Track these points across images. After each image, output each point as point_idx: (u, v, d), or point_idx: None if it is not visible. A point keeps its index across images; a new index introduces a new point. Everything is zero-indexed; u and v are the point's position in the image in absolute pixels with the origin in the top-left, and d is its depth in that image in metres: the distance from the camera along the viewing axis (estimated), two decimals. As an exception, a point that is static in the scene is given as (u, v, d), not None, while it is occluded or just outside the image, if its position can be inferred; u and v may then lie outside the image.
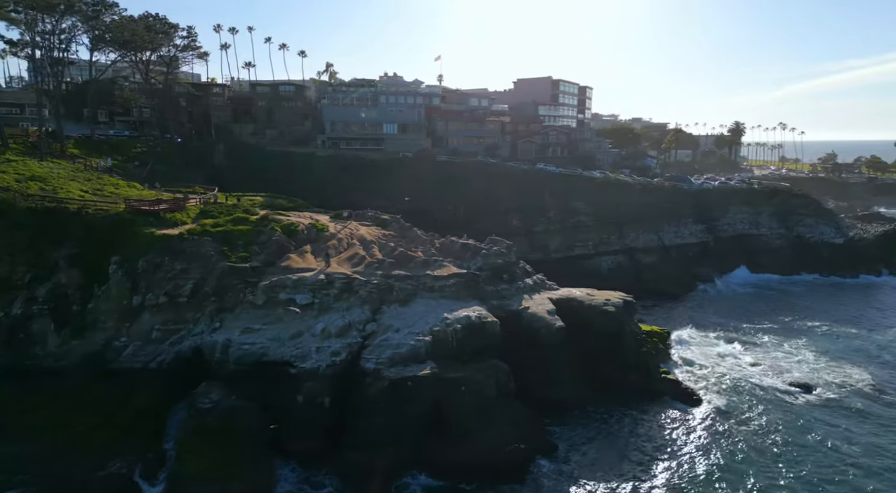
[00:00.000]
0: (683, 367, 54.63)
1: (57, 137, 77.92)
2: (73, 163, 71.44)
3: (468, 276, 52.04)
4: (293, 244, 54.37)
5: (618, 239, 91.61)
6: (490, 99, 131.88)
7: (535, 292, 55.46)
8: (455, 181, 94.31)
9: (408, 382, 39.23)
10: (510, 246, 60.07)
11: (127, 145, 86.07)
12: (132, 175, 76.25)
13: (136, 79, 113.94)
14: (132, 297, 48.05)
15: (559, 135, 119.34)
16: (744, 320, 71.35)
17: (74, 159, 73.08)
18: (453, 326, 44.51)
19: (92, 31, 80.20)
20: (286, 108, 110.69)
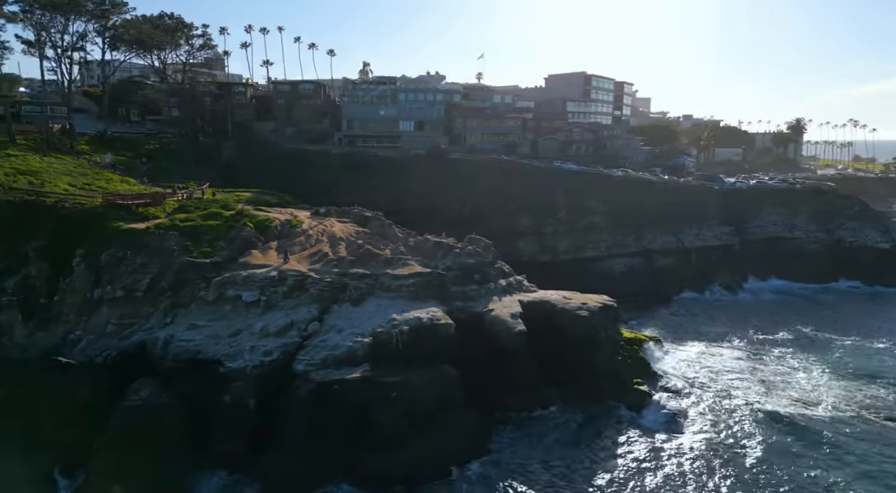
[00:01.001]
0: (665, 379, 50.33)
1: (69, 134, 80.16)
2: (78, 158, 73.31)
3: (432, 275, 49.72)
4: (261, 240, 53.48)
5: (633, 240, 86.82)
6: (515, 95, 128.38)
7: (508, 293, 52.59)
8: (466, 179, 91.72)
9: (334, 385, 37.38)
10: (488, 246, 57.33)
11: (139, 142, 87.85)
12: (137, 171, 77.62)
13: (166, 78, 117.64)
14: (94, 290, 48.27)
15: (584, 132, 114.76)
16: (756, 329, 65.92)
17: (80, 155, 74.91)
18: (400, 327, 42.35)
19: (103, 31, 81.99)
20: (305, 105, 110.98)
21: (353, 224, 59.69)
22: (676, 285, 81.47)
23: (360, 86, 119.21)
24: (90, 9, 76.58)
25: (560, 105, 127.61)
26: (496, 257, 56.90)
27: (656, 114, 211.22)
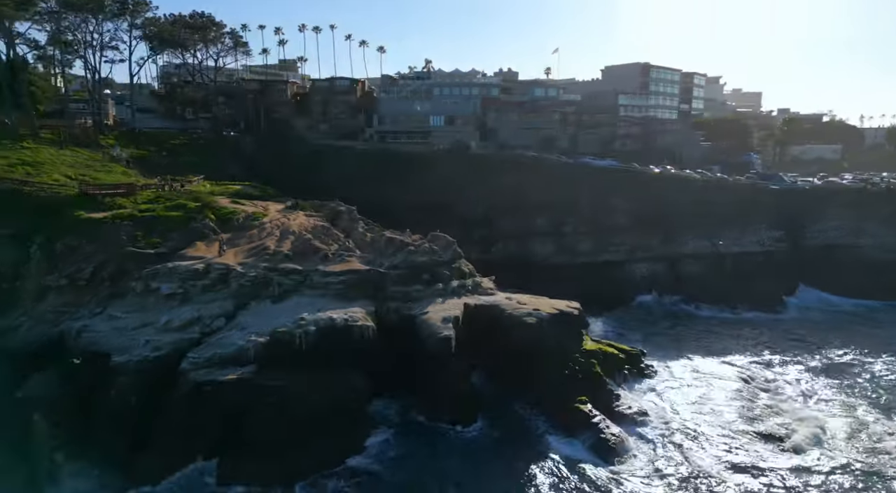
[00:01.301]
0: (623, 401, 44.05)
1: (98, 129, 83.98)
2: (96, 152, 76.38)
3: (367, 274, 46.59)
4: (214, 232, 52.44)
5: (660, 243, 78.87)
6: (561, 88, 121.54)
7: (458, 295, 48.35)
8: (485, 176, 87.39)
9: (207, 386, 35.15)
10: (450, 244, 53.32)
11: (165, 137, 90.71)
12: (157, 164, 79.89)
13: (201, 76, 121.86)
14: (46, 277, 49.09)
15: (631, 126, 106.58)
16: (782, 353, 57.26)
17: (100, 149, 78.04)
18: (306, 328, 39.49)
19: (130, 30, 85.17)
20: (340, 102, 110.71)
21: (318, 218, 57.56)
22: (704, 295, 72.71)
23: (397, 81, 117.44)
24: (114, 9, 79.37)
25: (611, 98, 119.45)
26: (456, 256, 52.68)
27: (746, 109, 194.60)
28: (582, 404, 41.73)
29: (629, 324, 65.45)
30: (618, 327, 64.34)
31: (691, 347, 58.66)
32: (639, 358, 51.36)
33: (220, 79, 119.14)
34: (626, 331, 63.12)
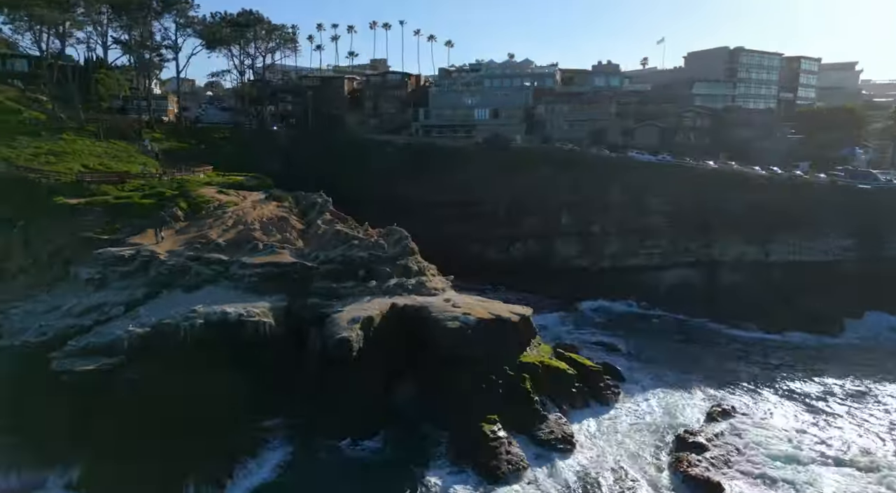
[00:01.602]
0: (546, 428, 37.69)
1: (143, 123, 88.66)
2: (132, 144, 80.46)
3: (292, 267, 43.90)
4: (175, 220, 52.28)
5: (698, 248, 68.97)
6: (625, 77, 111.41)
7: (393, 294, 44.28)
8: (516, 170, 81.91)
9: (65, 375, 34.12)
10: (402, 239, 49.44)
11: (209, 132, 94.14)
12: (191, 157, 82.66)
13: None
14: (19, 260, 51.47)
15: (697, 117, 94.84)
16: (813, 383, 47.72)
17: (137, 142, 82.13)
18: (194, 320, 37.55)
19: (177, 29, 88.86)
20: (391, 96, 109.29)
21: (284, 209, 55.76)
22: (742, 310, 62.19)
23: (451, 75, 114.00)
24: (157, 7, 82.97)
25: (685, 87, 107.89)
26: (405, 253, 48.56)
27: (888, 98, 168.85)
28: (489, 425, 36.17)
29: (633, 337, 57.46)
30: (614, 338, 56.79)
31: (696, 371, 49.82)
32: (599, 377, 44.19)
33: (286, 77, 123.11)
34: (625, 344, 55.46)
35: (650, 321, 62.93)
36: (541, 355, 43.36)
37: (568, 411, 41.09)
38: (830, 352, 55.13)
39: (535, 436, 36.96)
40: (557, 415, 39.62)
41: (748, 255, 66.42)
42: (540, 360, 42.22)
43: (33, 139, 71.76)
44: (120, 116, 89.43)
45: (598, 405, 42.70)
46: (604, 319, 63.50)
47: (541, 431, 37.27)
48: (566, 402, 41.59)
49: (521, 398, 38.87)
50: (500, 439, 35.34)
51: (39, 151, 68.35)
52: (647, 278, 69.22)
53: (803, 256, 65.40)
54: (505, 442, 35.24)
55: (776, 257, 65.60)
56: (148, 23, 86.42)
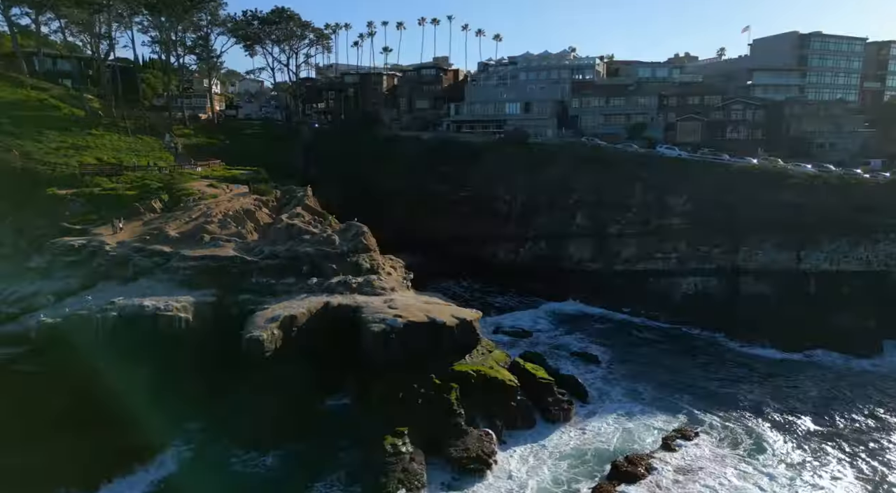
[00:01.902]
0: (469, 445, 33.86)
1: (174, 120, 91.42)
2: (159, 139, 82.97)
3: (230, 261, 42.43)
4: (151, 211, 52.49)
5: (720, 253, 61.73)
6: (675, 67, 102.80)
7: (333, 291, 41.81)
8: (536, 166, 77.60)
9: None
10: (357, 234, 46.68)
11: (241, 127, 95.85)
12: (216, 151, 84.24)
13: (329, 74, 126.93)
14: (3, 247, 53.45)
15: (748, 109, 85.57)
16: (827, 414, 40.94)
17: (163, 136, 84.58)
18: (108, 312, 36.81)
19: (209, 27, 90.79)
20: (425, 91, 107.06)
21: (255, 202, 54.56)
22: (765, 326, 54.92)
23: (489, 68, 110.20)
24: (185, 5, 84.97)
25: (743, 77, 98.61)
26: (358, 249, 45.89)
27: None
28: (395, 438, 32.93)
29: (625, 348, 52.01)
30: (601, 348, 51.55)
31: (684, 391, 44.07)
32: (549, 392, 39.63)
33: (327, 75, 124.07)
34: (610, 356, 50.16)
35: (651, 332, 56.80)
36: (484, 364, 39.39)
37: (502, 428, 37.03)
38: (858, 378, 47.22)
39: (448, 454, 33.28)
40: (484, 432, 35.71)
41: (777, 262, 58.52)
42: (478, 369, 38.30)
43: (61, 134, 75.26)
44: (156, 113, 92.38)
45: (544, 423, 38.33)
46: (602, 326, 58.16)
47: (455, 449, 33.54)
48: (502, 418, 37.49)
49: (443, 411, 35.26)
50: (402, 455, 32.04)
51: (63, 145, 71.28)
52: (660, 285, 62.91)
53: (842, 265, 56.71)
54: (406, 459, 31.91)
55: (809, 266, 57.33)
56: (183, 21, 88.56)
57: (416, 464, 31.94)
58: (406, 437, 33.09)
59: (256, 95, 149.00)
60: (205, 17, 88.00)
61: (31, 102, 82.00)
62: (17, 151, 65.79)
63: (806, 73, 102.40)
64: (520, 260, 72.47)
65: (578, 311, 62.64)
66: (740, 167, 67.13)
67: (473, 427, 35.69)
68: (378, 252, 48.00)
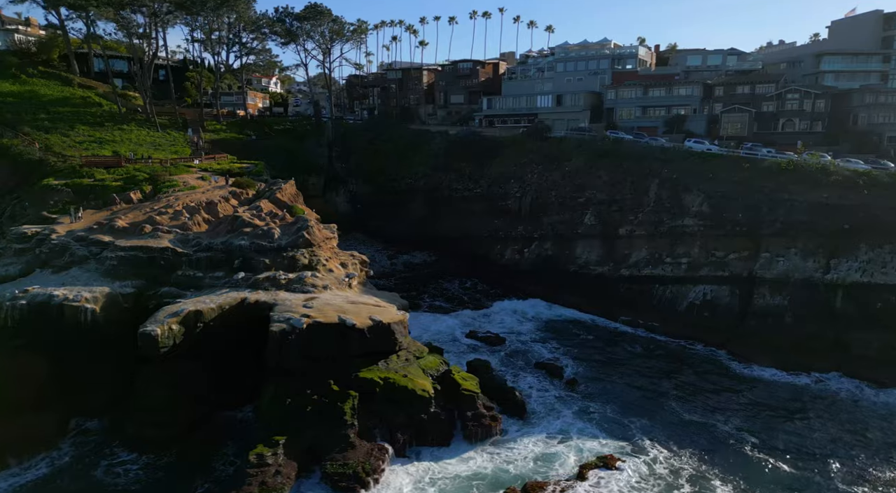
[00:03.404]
0: (349, 461, 30.53)
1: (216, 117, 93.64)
2: (183, 133, 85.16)
3: (160, 253, 41.54)
4: (126, 202, 53.02)
5: (738, 259, 54.26)
6: (731, 54, 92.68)
7: (258, 287, 39.87)
8: (551, 162, 72.64)
9: None
10: (301, 229, 44.38)
11: (271, 123, 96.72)
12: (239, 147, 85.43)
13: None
14: None
15: (806, 99, 75.42)
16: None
17: (188, 130, 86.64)
18: (17, 301, 36.78)
19: (238, 25, 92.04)
20: (461, 86, 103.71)
21: (225, 194, 53.63)
22: (769, 337, 47.56)
23: (530, 59, 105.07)
24: (211, 5, 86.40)
25: (809, 64, 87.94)
26: (298, 244, 43.56)
27: None
28: (267, 448, 30.23)
29: (601, 361, 46.58)
30: (572, 359, 46.41)
31: (648, 415, 38.53)
32: (471, 405, 35.48)
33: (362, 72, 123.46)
34: (578, 369, 45.02)
35: (643, 344, 50.61)
36: (403, 370, 35.80)
37: (405, 442, 33.40)
38: (870, 410, 39.40)
39: (324, 469, 30.20)
40: (377, 447, 32.23)
41: (800, 271, 50.41)
42: (387, 376, 34.81)
43: (92, 128, 78.77)
44: (194, 110, 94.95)
45: (461, 440, 34.29)
46: (590, 335, 52.67)
47: (333, 463, 30.38)
48: (408, 431, 33.85)
49: (333, 421, 32.18)
50: (267, 466, 29.29)
51: (88, 139, 74.58)
52: (665, 293, 56.28)
53: (878, 277, 47.80)
54: (270, 471, 29.15)
55: (837, 276, 48.86)
56: (216, 19, 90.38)
57: (282, 477, 29.09)
58: (280, 447, 30.31)
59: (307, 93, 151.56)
60: (235, 15, 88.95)
61: (75, 100, 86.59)
62: (38, 143, 69.27)
63: (891, 57, 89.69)
64: (524, 261, 67.68)
65: (571, 317, 57.32)
66: (772, 163, 58.92)
67: (367, 441, 32.31)
68: (326, 247, 45.59)
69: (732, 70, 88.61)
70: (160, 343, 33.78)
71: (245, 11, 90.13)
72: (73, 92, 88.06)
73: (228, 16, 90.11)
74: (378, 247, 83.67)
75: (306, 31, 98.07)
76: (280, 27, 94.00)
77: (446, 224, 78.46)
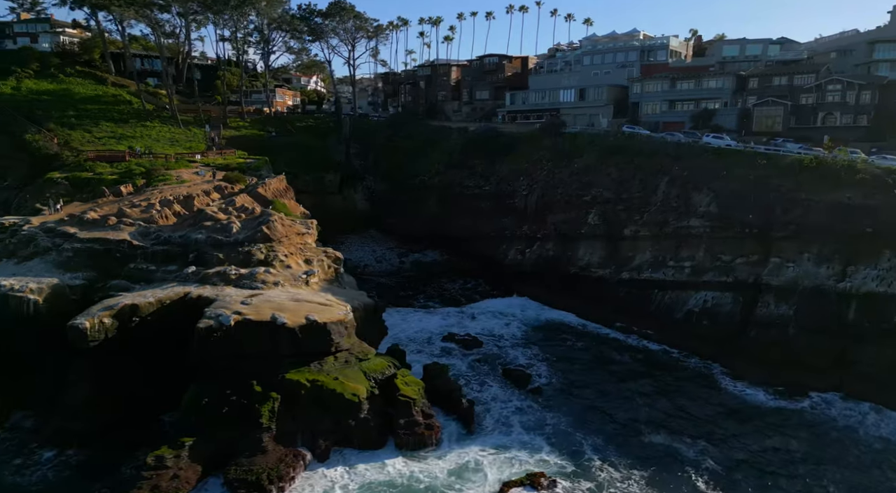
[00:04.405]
0: (255, 468, 28.88)
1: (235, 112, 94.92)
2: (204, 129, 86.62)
3: (116, 245, 41.39)
4: (113, 194, 53.72)
5: (745, 264, 49.46)
6: (774, 43, 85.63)
7: (206, 282, 38.98)
8: (562, 158, 69.34)
9: None
10: (260, 224, 43.34)
11: (293, 120, 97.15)
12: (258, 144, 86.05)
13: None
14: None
15: (851, 91, 68.42)
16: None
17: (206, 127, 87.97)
18: (-31, 290, 37.23)
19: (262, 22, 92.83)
20: (486, 81, 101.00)
21: (208, 187, 53.38)
22: (765, 354, 42.82)
23: (559, 53, 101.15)
24: (233, 3, 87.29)
25: (863, 52, 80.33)
26: (255, 239, 42.56)
27: None
28: (171, 451, 29.08)
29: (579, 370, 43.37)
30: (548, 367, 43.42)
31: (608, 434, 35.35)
32: (406, 412, 33.21)
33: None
34: (551, 378, 41.98)
35: (632, 353, 46.77)
36: (335, 373, 33.91)
37: (327, 449, 31.55)
38: (868, 445, 34.27)
39: (226, 474, 28.75)
40: (292, 452, 30.52)
41: (811, 278, 45.19)
42: (316, 378, 32.98)
43: (116, 125, 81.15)
44: (219, 107, 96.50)
45: (390, 447, 32.22)
46: (577, 342, 49.30)
47: (238, 469, 28.87)
48: (332, 437, 31.99)
49: (249, 424, 30.71)
50: (165, 469, 28.11)
51: (109, 135, 76.87)
52: (664, 299, 52.07)
53: (892, 286, 42.13)
54: (167, 475, 27.97)
55: (852, 285, 43.42)
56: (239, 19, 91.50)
57: (180, 482, 27.83)
58: (186, 449, 29.08)
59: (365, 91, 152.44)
60: (255, 12, 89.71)
61: (106, 97, 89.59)
62: (58, 138, 71.73)
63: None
64: (525, 262, 64.53)
65: (563, 321, 54.09)
66: (794, 160, 53.49)
67: (284, 446, 30.65)
68: (290, 242, 44.31)
69: (773, 60, 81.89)
70: (89, 337, 33.25)
71: (267, 10, 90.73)
72: (106, 90, 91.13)
73: (251, 14, 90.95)
74: (391, 245, 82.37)
75: (331, 29, 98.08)
76: (304, 25, 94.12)
77: (457, 223, 76.20)
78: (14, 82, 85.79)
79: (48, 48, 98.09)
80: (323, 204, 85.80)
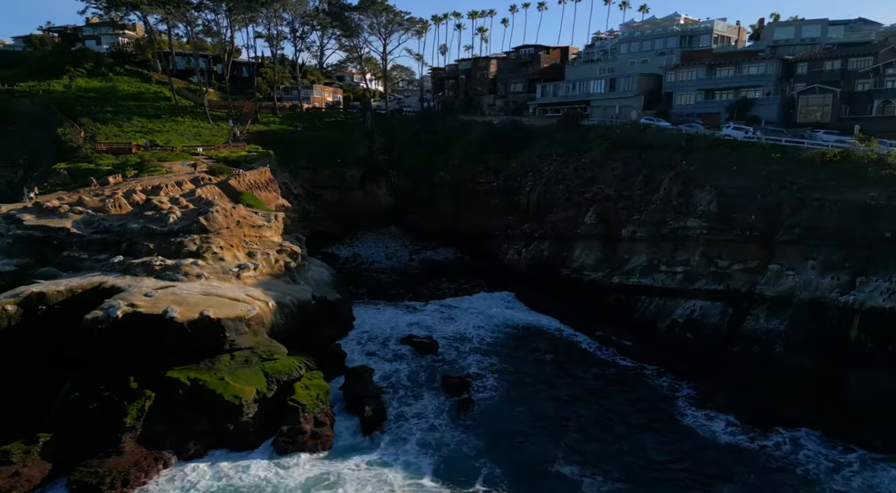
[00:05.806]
0: (104, 470, 27.33)
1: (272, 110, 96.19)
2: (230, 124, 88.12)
3: (55, 233, 41.60)
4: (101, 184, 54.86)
5: (742, 271, 42.95)
6: (836, 24, 75.05)
7: (127, 273, 38.30)
8: (571, 153, 64.45)
9: None
10: (199, 214, 42.20)
11: (321, 116, 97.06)
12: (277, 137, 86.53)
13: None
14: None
15: (914, 74, 58.52)
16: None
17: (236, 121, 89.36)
18: None
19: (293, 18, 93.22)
20: (521, 74, 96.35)
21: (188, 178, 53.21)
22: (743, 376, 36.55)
23: (598, 41, 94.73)
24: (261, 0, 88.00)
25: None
26: (190, 229, 41.54)
27: None
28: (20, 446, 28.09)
29: (527, 389, 38.96)
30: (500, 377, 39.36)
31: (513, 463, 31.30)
32: (294, 417, 30.69)
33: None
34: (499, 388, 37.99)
35: (599, 368, 41.68)
36: (222, 372, 31.86)
37: (198, 452, 29.57)
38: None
39: (71, 475, 27.37)
40: (153, 455, 28.76)
41: (810, 289, 38.16)
42: (197, 378, 31.05)
43: (149, 120, 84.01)
44: (251, 103, 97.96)
45: (262, 451, 29.91)
46: (546, 353, 44.66)
47: (83, 470, 27.39)
48: (205, 440, 29.99)
49: (113, 422, 29.27)
50: (9, 466, 27.13)
51: (136, 130, 79.67)
52: (649, 308, 46.28)
53: (917, 301, 34.59)
54: (9, 472, 26.93)
55: (856, 299, 36.13)
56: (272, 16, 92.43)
57: (20, 479, 26.72)
58: (39, 445, 28.00)
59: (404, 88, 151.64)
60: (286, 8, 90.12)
61: (147, 95, 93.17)
62: (85, 132, 74.90)
63: None
64: (521, 262, 60.13)
65: (541, 326, 49.66)
66: (815, 153, 46.09)
67: (147, 447, 28.98)
68: (231, 234, 42.91)
69: (833, 43, 72.11)
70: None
71: (296, 6, 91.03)
72: (148, 88, 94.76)
73: (282, 11, 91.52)
74: (406, 242, 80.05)
75: (368, 24, 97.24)
76: (337, 21, 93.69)
77: (468, 220, 72.91)
78: (66, 81, 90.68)
79: (106, 49, 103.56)
80: (344, 199, 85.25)
